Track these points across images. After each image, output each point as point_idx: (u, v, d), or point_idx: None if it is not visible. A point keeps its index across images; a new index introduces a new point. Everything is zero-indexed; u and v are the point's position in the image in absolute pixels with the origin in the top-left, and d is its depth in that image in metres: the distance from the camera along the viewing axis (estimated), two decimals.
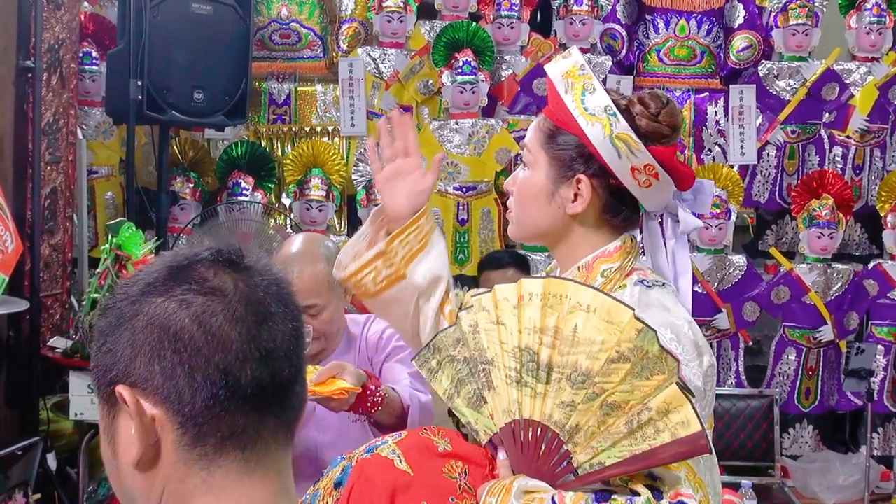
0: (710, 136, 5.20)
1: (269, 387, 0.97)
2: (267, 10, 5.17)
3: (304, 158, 4.93)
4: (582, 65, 1.71)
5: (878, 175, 5.16)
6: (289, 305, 1.01)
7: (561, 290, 1.53)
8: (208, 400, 0.94)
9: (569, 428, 1.52)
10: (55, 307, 4.16)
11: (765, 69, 5.15)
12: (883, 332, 4.95)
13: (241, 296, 0.97)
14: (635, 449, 1.49)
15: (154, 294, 0.97)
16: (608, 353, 1.48)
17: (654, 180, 1.68)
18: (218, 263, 0.99)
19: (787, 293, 4.90)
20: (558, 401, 1.52)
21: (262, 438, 0.98)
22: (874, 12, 5.06)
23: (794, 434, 5.00)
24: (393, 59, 5.09)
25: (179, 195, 4.86)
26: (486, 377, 1.58)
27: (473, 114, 4.97)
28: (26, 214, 3.89)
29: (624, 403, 1.49)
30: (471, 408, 1.60)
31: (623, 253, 1.72)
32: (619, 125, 1.66)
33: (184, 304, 0.95)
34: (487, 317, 1.59)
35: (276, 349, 0.98)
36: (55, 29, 4.08)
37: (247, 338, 0.96)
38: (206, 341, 0.95)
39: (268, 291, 1.00)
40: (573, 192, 1.70)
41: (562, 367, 1.51)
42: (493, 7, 5.13)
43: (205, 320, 0.95)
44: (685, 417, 1.46)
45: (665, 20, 5.23)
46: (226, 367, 0.95)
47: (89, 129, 4.78)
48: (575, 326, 1.51)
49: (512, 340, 1.56)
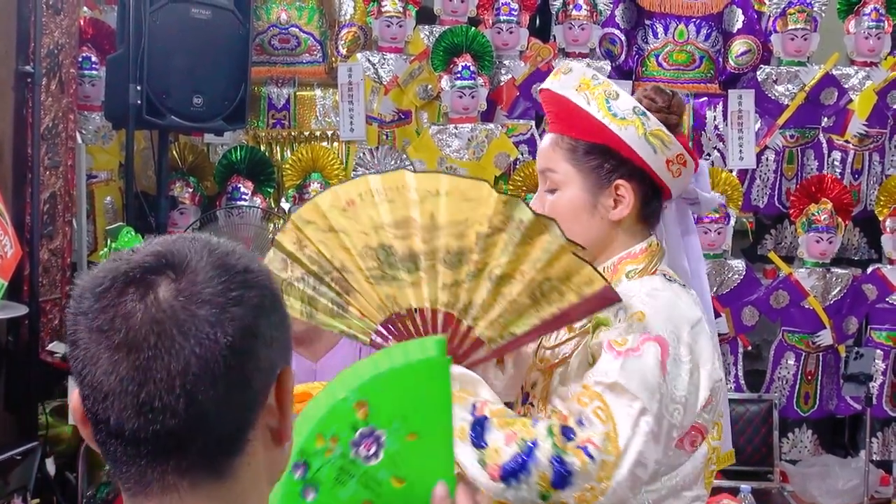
0: (709, 140, 5.20)
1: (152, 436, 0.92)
2: (266, 14, 5.17)
3: (304, 163, 4.93)
4: (594, 75, 1.74)
5: (877, 179, 5.16)
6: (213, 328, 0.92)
7: (395, 182, 1.58)
8: (101, 446, 0.96)
9: (461, 306, 1.56)
10: (54, 312, 4.16)
11: (763, 74, 5.15)
12: (882, 337, 4.95)
13: (127, 338, 0.91)
14: (544, 314, 1.54)
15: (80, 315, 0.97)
16: (477, 229, 1.52)
17: (683, 168, 1.73)
18: (131, 283, 0.94)
19: (786, 297, 4.90)
20: (439, 283, 1.56)
21: (170, 485, 0.93)
22: (873, 17, 5.07)
23: (793, 438, 5.00)
24: (392, 64, 5.09)
25: (179, 200, 4.86)
26: (341, 284, 1.61)
27: (472, 118, 4.97)
28: (25, 219, 3.89)
29: (513, 271, 1.53)
30: (335, 317, 1.63)
31: (648, 255, 1.74)
32: (651, 122, 1.70)
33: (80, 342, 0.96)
34: (316, 228, 1.62)
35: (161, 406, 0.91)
36: (54, 34, 4.08)
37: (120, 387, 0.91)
38: (83, 388, 0.94)
39: (176, 320, 0.91)
40: (612, 199, 1.72)
41: (429, 253, 1.55)
42: (492, 12, 5.14)
43: (83, 367, 0.94)
44: (587, 277, 1.51)
45: (664, 25, 5.24)
46: (96, 415, 0.94)
47: (88, 133, 4.78)
48: (431, 214, 1.54)
49: (358, 243, 1.58)
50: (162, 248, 0.95)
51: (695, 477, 1.67)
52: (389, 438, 1.33)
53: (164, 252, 0.95)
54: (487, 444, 1.53)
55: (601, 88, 1.71)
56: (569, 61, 1.85)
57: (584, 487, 1.50)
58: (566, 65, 1.79)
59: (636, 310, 1.60)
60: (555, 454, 1.50)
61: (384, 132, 5.12)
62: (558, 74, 1.76)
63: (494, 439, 1.53)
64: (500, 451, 1.52)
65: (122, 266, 0.94)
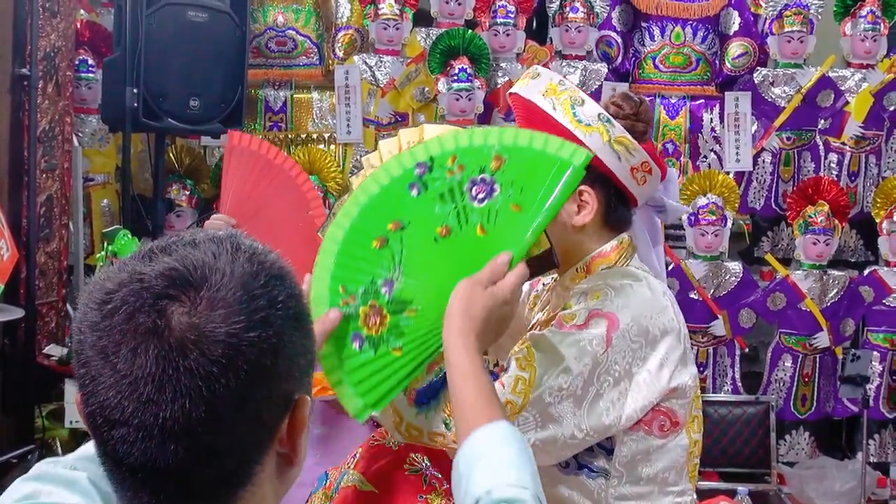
0: (706, 142, 5.21)
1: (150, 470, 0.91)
2: (263, 17, 5.17)
3: (300, 165, 4.92)
4: (561, 80, 1.76)
5: (874, 181, 5.16)
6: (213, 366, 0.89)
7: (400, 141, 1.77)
8: (106, 470, 0.95)
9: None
10: (51, 315, 4.15)
11: (760, 76, 5.16)
12: (879, 339, 4.95)
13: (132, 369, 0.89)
14: None
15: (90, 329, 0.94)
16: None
17: (648, 176, 1.75)
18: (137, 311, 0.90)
19: (783, 300, 4.90)
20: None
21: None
22: (869, 19, 5.07)
23: (790, 440, 5.00)
24: (389, 67, 5.09)
25: (175, 202, 4.85)
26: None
27: (469, 121, 4.97)
28: (22, 222, 3.89)
29: None
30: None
31: (619, 251, 1.77)
32: (616, 129, 1.70)
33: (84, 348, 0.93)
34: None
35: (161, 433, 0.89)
36: (51, 37, 4.08)
37: (122, 412, 0.90)
38: (85, 407, 0.93)
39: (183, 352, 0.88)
40: (576, 205, 1.73)
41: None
42: (489, 14, 5.14)
43: (91, 388, 0.91)
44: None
45: (661, 27, 5.24)
46: (102, 438, 0.93)
47: (85, 136, 4.77)
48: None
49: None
50: (180, 265, 0.90)
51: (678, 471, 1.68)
52: (500, 196, 1.50)
53: (182, 270, 0.90)
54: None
55: (567, 94, 1.72)
56: (537, 66, 1.85)
57: None
58: (534, 69, 1.81)
59: (594, 292, 1.65)
60: None
61: (381, 135, 5.11)
62: (526, 79, 1.78)
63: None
64: (422, 378, 1.56)
65: (134, 285, 0.89)
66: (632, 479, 1.65)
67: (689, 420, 1.69)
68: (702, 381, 4.87)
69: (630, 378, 1.61)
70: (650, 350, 1.63)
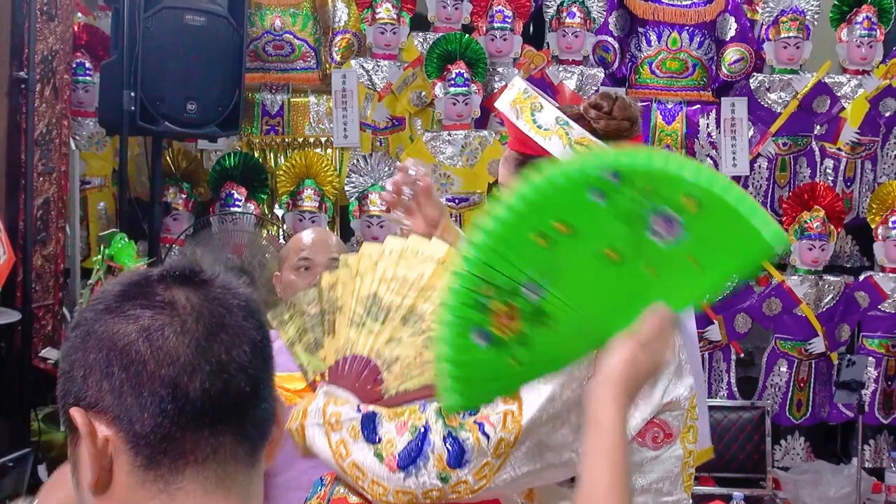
0: (702, 148, 5.22)
1: (222, 400, 0.93)
2: (260, 21, 5.17)
3: (297, 169, 4.94)
4: (525, 89, 1.75)
5: (869, 187, 5.17)
6: (249, 318, 0.98)
7: (420, 247, 1.68)
8: (157, 416, 0.91)
9: (388, 359, 1.61)
10: (47, 318, 4.15)
11: (756, 82, 5.17)
12: (874, 344, 4.96)
13: (192, 308, 0.94)
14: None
15: (106, 313, 0.95)
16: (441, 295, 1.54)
17: None
18: (170, 279, 0.97)
19: (778, 305, 4.91)
20: (388, 337, 1.62)
21: (220, 456, 0.94)
22: (865, 25, 5.09)
23: (785, 446, 5.01)
24: (386, 71, 5.10)
25: (172, 206, 4.86)
26: (330, 325, 1.68)
27: (466, 125, 4.98)
28: (19, 225, 3.89)
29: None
30: (307, 352, 1.70)
31: None
32: (574, 131, 1.69)
33: (131, 319, 0.93)
34: (348, 272, 1.70)
35: (229, 361, 0.94)
36: (48, 40, 4.08)
37: (195, 350, 0.92)
38: (152, 355, 0.91)
39: (223, 304, 0.96)
40: None
41: (400, 308, 1.63)
42: (486, 19, 5.14)
43: (151, 333, 0.92)
44: None
45: (657, 33, 5.25)
46: (173, 380, 0.91)
47: (82, 139, 4.77)
48: (421, 274, 1.63)
49: (364, 290, 1.67)
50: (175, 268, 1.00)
51: (672, 481, 1.67)
52: (683, 243, 1.31)
53: (180, 269, 0.99)
54: (381, 438, 1.54)
55: (529, 102, 1.72)
56: (517, 77, 1.86)
57: (480, 464, 1.51)
58: (513, 81, 1.82)
59: None
60: (447, 433, 1.51)
61: (378, 139, 5.12)
62: (504, 90, 1.79)
63: (386, 431, 1.54)
64: (394, 441, 1.53)
65: (146, 273, 0.98)
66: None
67: (685, 430, 1.68)
68: None
69: None
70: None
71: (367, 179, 4.93)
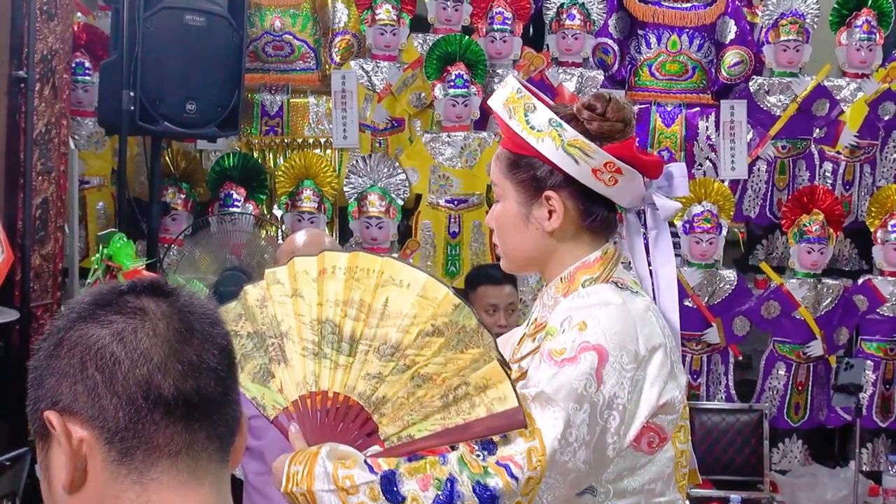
0: (701, 150, 5.22)
1: (195, 398, 0.98)
2: (260, 21, 5.17)
3: (296, 170, 4.93)
4: (518, 89, 1.74)
5: (868, 191, 5.18)
6: (215, 327, 1.03)
7: (368, 265, 1.59)
8: (131, 413, 0.96)
9: (375, 399, 1.56)
10: (45, 318, 4.14)
11: (756, 84, 5.17)
12: (872, 348, 4.96)
13: (162, 314, 0.99)
14: (448, 423, 1.54)
15: (78, 321, 0.99)
16: (421, 327, 1.53)
17: (618, 176, 1.70)
18: (141, 290, 1.02)
19: (777, 308, 4.91)
20: (364, 372, 1.56)
21: (193, 451, 0.98)
22: (864, 29, 5.09)
23: (783, 449, 5.01)
24: (386, 72, 5.09)
25: (171, 206, 4.85)
26: (277, 351, 1.61)
27: (465, 127, 4.98)
28: (17, 224, 3.89)
29: (436, 375, 1.53)
30: (257, 383, 1.63)
31: (603, 263, 1.74)
32: (568, 133, 1.68)
33: (105, 324, 0.98)
34: (282, 290, 1.63)
35: (200, 363, 0.99)
36: (48, 39, 4.08)
37: (168, 351, 0.97)
38: (127, 355, 0.96)
39: (192, 312, 1.02)
40: (546, 210, 1.72)
41: (370, 339, 1.56)
42: (486, 21, 5.14)
43: (125, 336, 0.97)
44: (502, 393, 1.51)
45: (657, 35, 5.25)
46: (147, 379, 0.96)
47: (81, 139, 4.77)
48: (386, 300, 1.56)
49: (311, 313, 1.59)
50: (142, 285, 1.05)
51: (665, 481, 1.67)
52: None
53: (147, 282, 1.05)
54: (405, 497, 1.51)
55: (522, 102, 1.72)
56: (510, 75, 1.85)
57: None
58: (506, 79, 1.81)
59: (580, 320, 1.61)
60: (475, 482, 1.50)
61: (377, 140, 5.12)
62: (498, 89, 1.79)
63: (409, 489, 1.51)
64: (420, 498, 1.51)
65: (115, 285, 1.03)
66: (617, 492, 1.64)
67: (676, 430, 1.68)
68: (695, 389, 4.88)
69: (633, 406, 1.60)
70: (642, 371, 1.62)
71: (366, 180, 4.93)
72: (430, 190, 5.01)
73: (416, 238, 4.99)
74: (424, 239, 4.99)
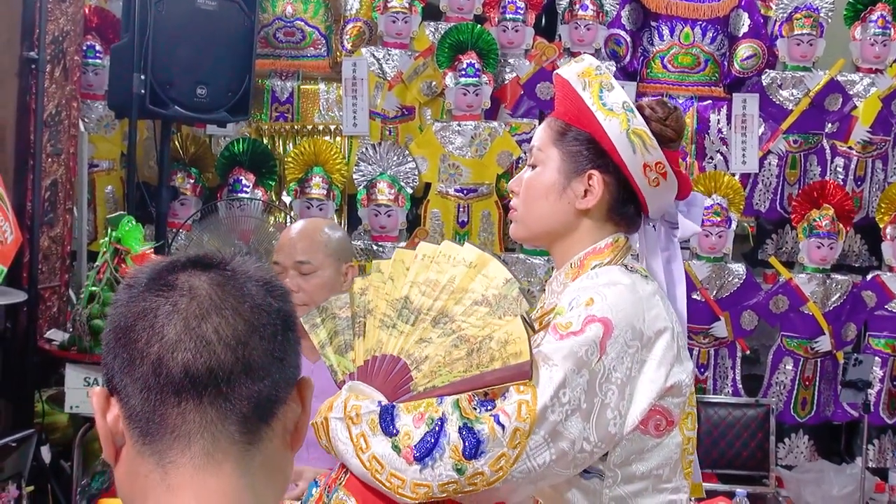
0: (713, 143, 5.20)
1: (203, 374, 0.95)
2: (272, 7, 5.16)
3: (306, 157, 4.93)
4: (598, 66, 1.78)
5: (880, 187, 5.15)
6: (268, 297, 1.02)
7: (451, 252, 1.73)
8: (145, 393, 0.96)
9: (418, 358, 1.63)
10: (53, 299, 4.15)
11: (768, 78, 5.15)
12: (880, 344, 4.94)
13: (190, 289, 0.98)
14: (466, 374, 1.59)
15: (124, 297, 1.01)
16: (473, 297, 1.65)
17: (662, 179, 1.74)
18: (183, 265, 1.01)
19: (785, 303, 4.90)
20: (417, 338, 1.65)
21: (208, 433, 0.97)
22: (879, 24, 5.06)
23: (789, 444, 5.00)
24: (397, 60, 5.08)
25: (180, 190, 4.86)
26: (361, 328, 1.71)
27: (476, 116, 4.96)
28: (26, 206, 3.90)
29: (473, 337, 1.61)
30: (337, 354, 1.72)
31: (613, 250, 1.77)
32: (636, 121, 1.72)
33: (137, 301, 0.98)
34: (380, 277, 1.75)
35: (217, 339, 0.96)
36: (60, 21, 4.08)
37: (182, 328, 0.96)
38: (143, 333, 0.96)
39: (234, 284, 1.00)
40: (584, 188, 1.75)
41: (430, 310, 1.66)
42: (498, 10, 5.13)
43: (147, 314, 0.97)
44: (520, 349, 1.56)
45: (670, 27, 5.23)
46: (157, 356, 0.95)
47: (91, 122, 4.78)
48: (453, 277, 1.69)
49: (395, 293, 1.70)
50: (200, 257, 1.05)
51: (672, 467, 1.68)
52: None
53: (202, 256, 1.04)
54: (399, 430, 1.55)
55: (599, 79, 1.75)
56: (585, 54, 1.90)
57: (496, 455, 1.51)
58: (581, 56, 1.84)
59: (588, 297, 1.63)
60: (462, 424, 1.52)
61: (387, 128, 5.12)
62: (571, 62, 1.81)
63: (404, 423, 1.55)
64: (411, 433, 1.54)
65: (164, 262, 1.02)
66: (626, 477, 1.65)
67: (683, 417, 1.68)
68: (703, 383, 4.88)
69: (633, 384, 1.61)
70: (647, 352, 1.62)
71: (375, 168, 4.92)
72: (439, 179, 5.00)
73: (425, 227, 4.99)
74: (433, 228, 4.98)
